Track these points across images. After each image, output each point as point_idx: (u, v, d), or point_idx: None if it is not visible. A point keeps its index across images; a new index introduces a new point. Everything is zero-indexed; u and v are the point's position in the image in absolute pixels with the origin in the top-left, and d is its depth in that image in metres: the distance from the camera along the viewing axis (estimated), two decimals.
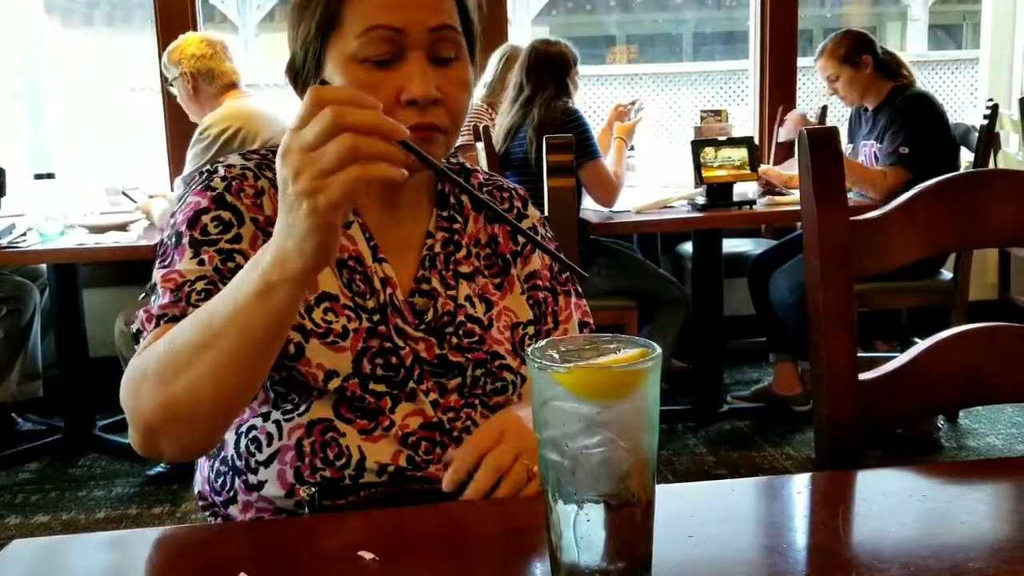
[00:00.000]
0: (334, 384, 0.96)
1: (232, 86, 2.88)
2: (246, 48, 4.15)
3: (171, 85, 2.93)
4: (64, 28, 4.52)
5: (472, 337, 1.03)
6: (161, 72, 3.00)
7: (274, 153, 0.98)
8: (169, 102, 3.40)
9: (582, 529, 0.64)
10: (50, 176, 3.04)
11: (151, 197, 3.10)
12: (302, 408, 0.98)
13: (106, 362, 3.13)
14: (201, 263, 0.94)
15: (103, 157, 4.39)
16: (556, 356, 0.66)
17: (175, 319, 0.89)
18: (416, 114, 0.94)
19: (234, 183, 0.99)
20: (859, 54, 3.16)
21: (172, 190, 2.96)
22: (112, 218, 3.09)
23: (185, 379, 0.82)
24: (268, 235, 0.93)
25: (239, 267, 0.89)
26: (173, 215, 1.00)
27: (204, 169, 1.03)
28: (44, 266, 3.18)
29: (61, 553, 0.82)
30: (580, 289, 1.16)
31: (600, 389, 0.63)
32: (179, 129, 3.42)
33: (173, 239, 0.97)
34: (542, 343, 0.68)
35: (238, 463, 0.99)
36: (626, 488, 0.64)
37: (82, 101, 4.50)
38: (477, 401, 1.02)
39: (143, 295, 0.97)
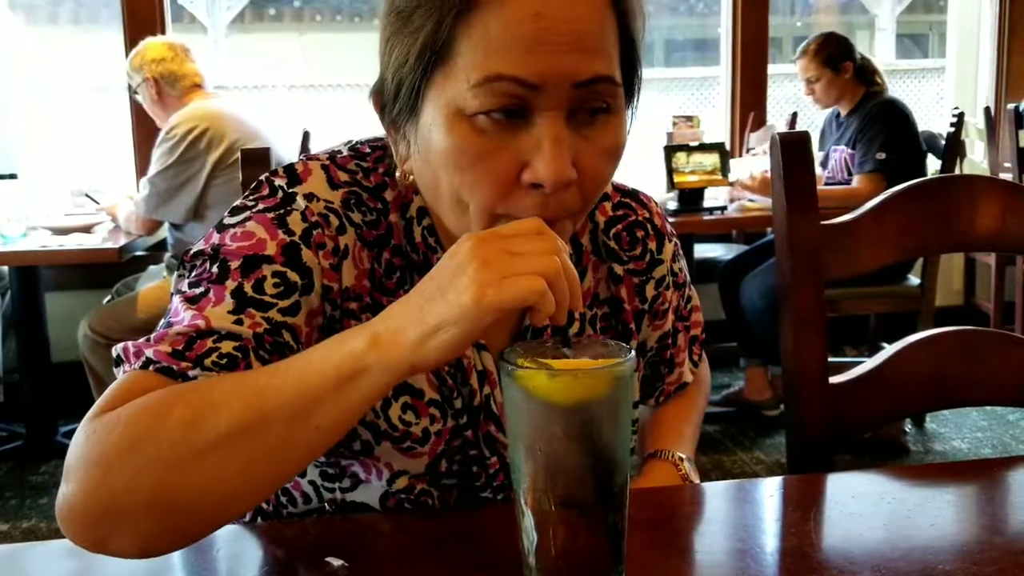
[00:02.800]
0: (400, 484, 0.83)
1: (196, 87, 2.85)
2: (215, 49, 4.10)
3: (136, 93, 2.91)
4: (28, 26, 4.44)
5: None
6: (128, 82, 2.96)
7: (365, 172, 0.82)
8: (136, 102, 3.36)
9: (555, 533, 0.64)
10: (12, 177, 2.99)
11: (123, 198, 3.06)
12: (346, 482, 0.84)
13: (69, 367, 3.08)
14: (239, 323, 0.72)
15: (68, 158, 4.32)
16: (528, 358, 0.64)
17: (168, 374, 0.69)
18: (537, 203, 0.70)
19: (315, 232, 0.77)
20: (841, 59, 3.20)
21: (138, 191, 2.92)
22: (76, 220, 3.05)
23: (206, 468, 0.62)
24: (341, 309, 0.79)
25: (285, 344, 0.73)
26: (222, 228, 0.77)
27: (277, 184, 0.79)
28: (5, 268, 3.13)
29: (21, 562, 0.80)
30: (696, 299, 1.02)
31: (573, 392, 0.62)
32: (145, 130, 3.38)
33: (216, 268, 0.75)
34: (516, 345, 0.66)
35: (265, 507, 0.89)
36: (599, 491, 0.63)
37: (46, 100, 4.43)
38: None
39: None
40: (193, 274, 0.76)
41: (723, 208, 3.05)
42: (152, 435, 0.63)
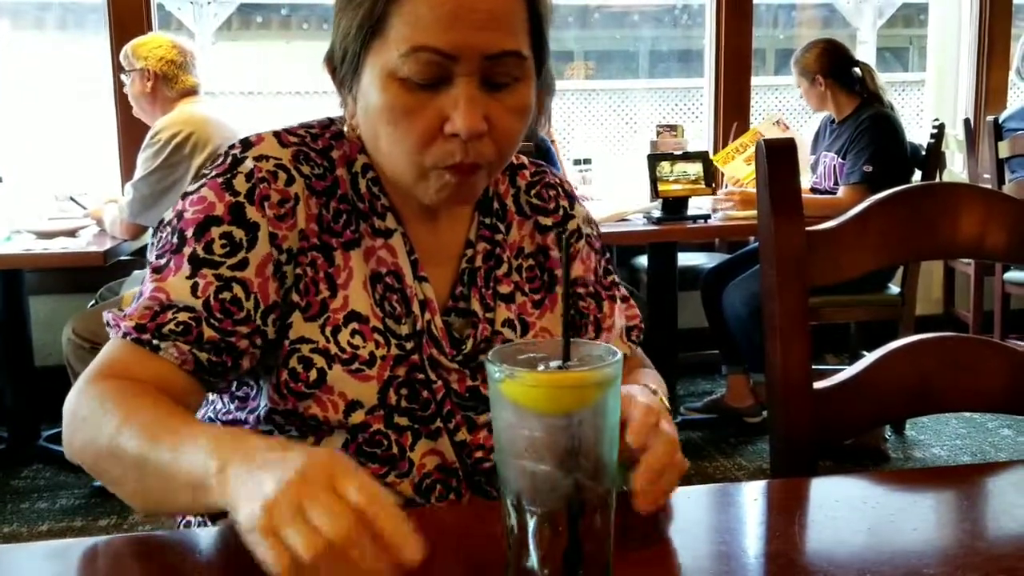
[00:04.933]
0: (356, 418, 0.89)
1: (191, 93, 2.84)
2: (202, 56, 4.10)
3: (125, 74, 2.88)
4: (14, 31, 4.42)
5: None
6: (116, 63, 2.93)
7: (313, 137, 0.93)
8: (122, 107, 3.35)
9: (541, 536, 0.64)
10: None
11: (108, 203, 3.04)
12: (310, 440, 0.92)
13: (52, 372, 3.06)
14: (194, 289, 0.85)
15: (53, 161, 4.30)
16: (514, 363, 0.64)
17: (139, 343, 0.84)
18: (459, 149, 0.84)
19: (260, 187, 0.87)
20: (815, 73, 3.25)
21: (123, 195, 2.91)
22: (61, 223, 3.03)
23: (117, 471, 0.78)
24: (288, 253, 0.88)
25: (234, 298, 0.85)
26: (186, 195, 0.89)
27: (232, 152, 0.90)
28: None
29: (2, 564, 0.80)
30: (627, 294, 1.10)
31: (559, 399, 0.63)
32: (131, 134, 3.36)
33: (175, 238, 0.87)
34: (500, 348, 0.66)
35: None
36: (586, 496, 0.64)
37: (32, 105, 4.41)
38: None
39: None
40: (160, 244, 0.89)
41: (706, 217, 3.07)
42: (96, 426, 0.79)
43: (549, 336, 0.99)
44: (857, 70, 3.27)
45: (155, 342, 0.84)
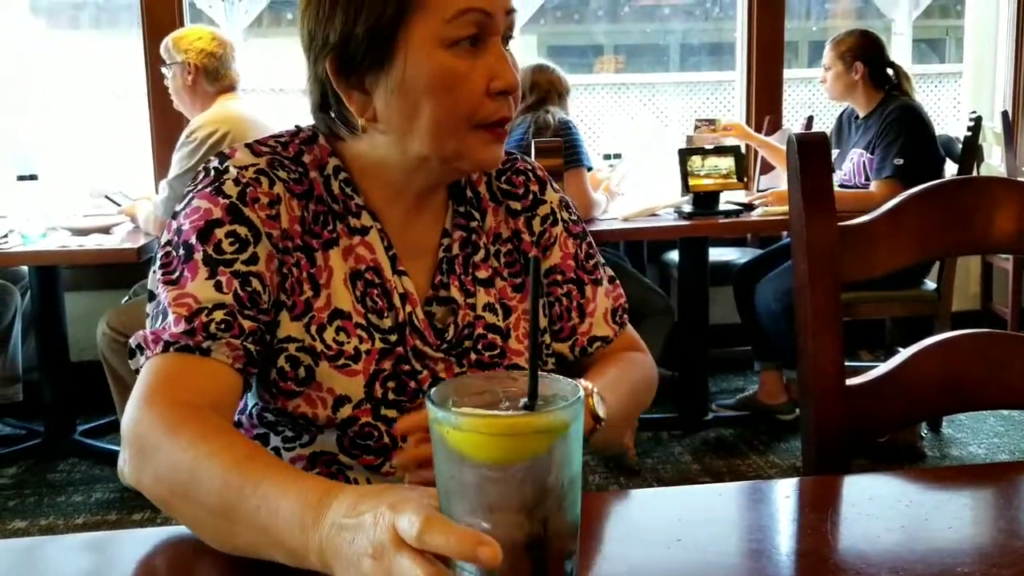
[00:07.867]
0: (344, 413, 0.91)
1: (230, 88, 2.86)
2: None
3: (165, 67, 2.88)
4: (50, 30, 4.49)
5: (493, 351, 0.98)
6: (149, 61, 2.93)
7: (283, 145, 0.95)
8: (155, 105, 3.39)
9: None
10: (33, 178, 3.01)
11: (135, 200, 3.08)
12: (305, 439, 0.95)
13: (87, 366, 3.11)
14: (219, 286, 0.86)
15: (88, 159, 4.37)
16: (452, 403, 0.56)
17: (187, 350, 0.84)
18: (504, 106, 0.89)
19: (248, 190, 0.90)
20: (854, 59, 3.18)
21: (156, 193, 2.94)
22: (95, 220, 3.07)
23: (188, 515, 0.75)
24: (284, 251, 0.91)
25: (255, 291, 0.87)
26: (176, 216, 0.91)
27: (211, 166, 0.92)
28: (25, 268, 3.16)
29: (39, 555, 0.81)
30: (614, 275, 1.10)
31: (490, 447, 0.53)
32: (164, 132, 3.41)
33: (181, 250, 0.88)
34: (445, 383, 0.60)
35: None
36: (538, 561, 0.56)
37: (67, 103, 4.47)
38: None
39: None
40: (164, 263, 0.89)
41: (738, 212, 3.05)
42: (169, 463, 0.76)
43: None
44: (891, 70, 3.22)
45: (205, 344, 0.84)
